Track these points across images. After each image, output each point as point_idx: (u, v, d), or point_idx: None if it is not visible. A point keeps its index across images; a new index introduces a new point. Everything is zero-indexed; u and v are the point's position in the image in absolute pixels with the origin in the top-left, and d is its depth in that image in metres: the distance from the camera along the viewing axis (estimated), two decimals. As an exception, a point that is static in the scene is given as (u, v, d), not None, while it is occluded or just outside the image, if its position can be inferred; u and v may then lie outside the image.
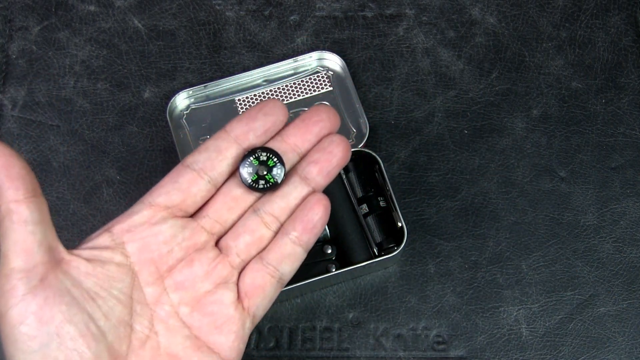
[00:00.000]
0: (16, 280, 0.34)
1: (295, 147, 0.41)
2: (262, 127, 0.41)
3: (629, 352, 0.53)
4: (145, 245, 0.39)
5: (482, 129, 0.58)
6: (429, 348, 0.53)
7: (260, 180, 0.40)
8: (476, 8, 0.62)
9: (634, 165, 0.57)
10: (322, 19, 0.61)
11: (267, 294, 0.40)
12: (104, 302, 0.36)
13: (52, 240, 0.36)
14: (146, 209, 0.39)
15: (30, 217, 0.35)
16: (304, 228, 0.40)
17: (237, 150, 0.40)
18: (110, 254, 0.38)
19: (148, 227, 0.39)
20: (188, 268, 0.39)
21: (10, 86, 0.59)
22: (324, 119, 0.41)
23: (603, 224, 0.56)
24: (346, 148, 0.41)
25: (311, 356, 0.53)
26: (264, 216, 0.41)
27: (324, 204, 0.41)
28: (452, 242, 0.55)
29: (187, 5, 0.62)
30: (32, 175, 0.35)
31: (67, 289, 0.35)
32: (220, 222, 0.41)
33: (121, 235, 0.38)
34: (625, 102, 0.59)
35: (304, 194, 0.41)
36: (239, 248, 0.40)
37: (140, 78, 0.60)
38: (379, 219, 0.53)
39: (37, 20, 0.61)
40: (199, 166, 0.40)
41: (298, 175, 0.41)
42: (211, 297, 0.39)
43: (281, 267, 0.40)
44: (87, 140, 0.58)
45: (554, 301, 0.54)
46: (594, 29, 0.61)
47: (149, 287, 0.39)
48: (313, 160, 0.41)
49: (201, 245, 0.40)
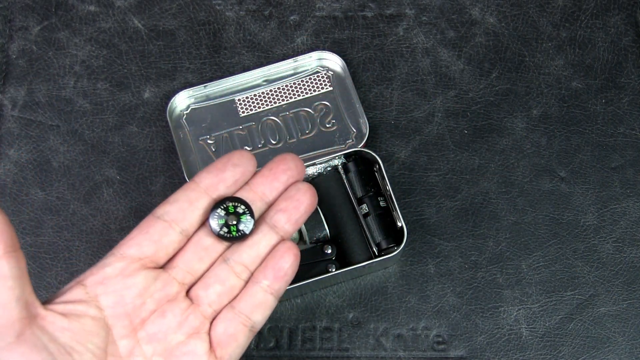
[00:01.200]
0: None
1: (263, 195, 0.42)
2: (231, 177, 0.41)
3: (629, 352, 0.52)
4: (120, 298, 0.38)
5: (482, 129, 0.58)
6: (429, 348, 0.53)
7: (229, 230, 0.40)
8: (476, 8, 0.62)
9: (634, 165, 0.57)
10: (322, 19, 0.61)
11: (240, 343, 0.40)
12: (80, 356, 0.36)
13: (28, 295, 0.35)
14: (118, 260, 0.39)
15: (10, 272, 0.34)
16: (275, 276, 0.41)
17: (207, 200, 0.41)
18: (85, 308, 0.38)
19: (121, 279, 0.39)
20: (161, 319, 0.39)
21: (10, 86, 0.59)
22: (291, 168, 0.42)
23: (603, 224, 0.56)
24: (313, 195, 0.42)
25: (311, 356, 0.53)
26: (234, 265, 0.41)
27: (294, 252, 0.41)
28: (452, 242, 0.55)
29: (187, 5, 0.62)
30: (11, 228, 0.34)
31: (43, 344, 0.35)
32: (191, 272, 0.41)
33: (94, 287, 0.38)
34: (625, 102, 0.59)
35: (273, 242, 0.41)
36: (210, 298, 0.40)
37: (140, 78, 0.60)
38: (379, 219, 0.53)
39: (37, 20, 0.61)
40: (171, 217, 0.40)
41: (267, 223, 0.42)
42: (184, 348, 0.39)
43: (253, 315, 0.40)
44: (87, 140, 0.58)
45: (554, 301, 0.54)
46: (594, 29, 0.61)
47: (122, 340, 0.38)
48: (281, 209, 0.42)
49: (173, 296, 0.40)
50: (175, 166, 0.57)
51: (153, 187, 0.57)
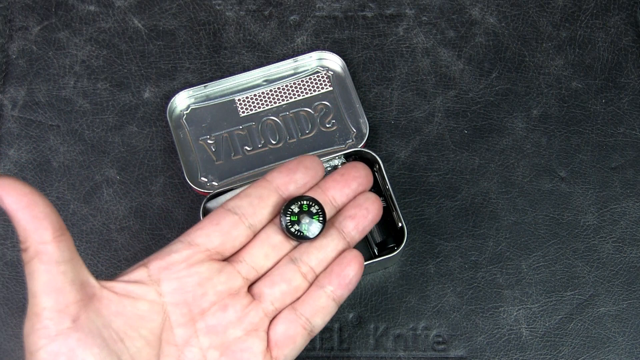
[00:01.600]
0: (47, 320, 0.34)
1: (333, 199, 0.42)
2: (302, 179, 0.42)
3: (629, 352, 0.53)
4: (181, 286, 0.38)
5: (482, 129, 0.58)
6: (429, 348, 0.53)
7: (300, 228, 0.41)
8: (476, 8, 0.62)
9: (634, 165, 0.57)
10: (322, 19, 0.61)
11: (297, 345, 0.40)
12: (132, 343, 0.36)
13: (83, 275, 0.35)
14: (185, 248, 0.39)
15: (61, 256, 0.34)
16: (339, 283, 0.41)
17: (277, 199, 0.41)
18: (144, 290, 0.38)
19: (186, 267, 0.39)
20: (221, 312, 0.39)
21: (10, 86, 0.59)
22: (362, 176, 0.43)
23: (603, 224, 0.56)
24: (380, 206, 0.43)
25: (311, 356, 0.53)
26: (301, 266, 0.41)
27: (360, 261, 0.41)
28: (452, 242, 0.55)
29: (187, 5, 0.62)
30: (56, 212, 0.34)
31: (98, 329, 0.35)
32: (256, 268, 0.41)
33: (158, 272, 0.38)
34: (625, 102, 0.59)
35: (340, 247, 0.42)
36: (274, 296, 0.40)
37: (140, 78, 0.60)
38: (379, 219, 0.53)
39: (37, 20, 0.61)
40: (241, 211, 0.40)
41: (335, 228, 0.42)
42: (241, 344, 0.39)
43: (314, 319, 0.40)
44: (87, 140, 0.58)
45: (554, 301, 0.54)
46: (594, 29, 0.61)
47: (179, 328, 0.38)
48: (350, 215, 0.42)
49: (235, 291, 0.40)
50: (175, 166, 0.57)
51: (153, 187, 0.57)
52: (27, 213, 0.33)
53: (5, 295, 0.54)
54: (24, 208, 0.33)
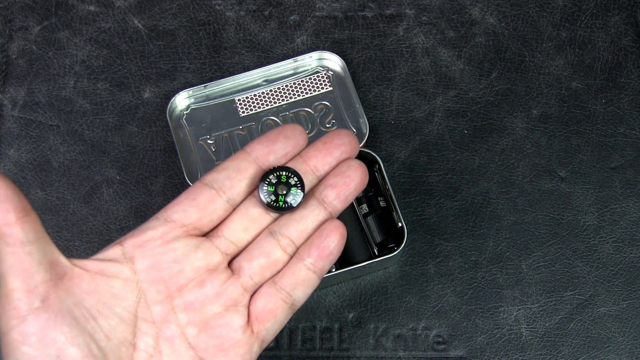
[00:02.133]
0: (17, 300, 0.34)
1: (315, 169, 0.41)
2: (282, 149, 0.40)
3: (629, 352, 0.53)
4: (156, 263, 0.38)
5: (482, 129, 0.58)
6: (429, 348, 0.53)
7: (277, 199, 0.40)
8: (476, 8, 0.62)
9: (634, 165, 0.57)
10: (322, 19, 0.61)
11: (278, 319, 0.40)
12: (106, 320, 0.36)
13: (52, 255, 0.35)
14: (161, 225, 0.38)
15: (25, 237, 0.34)
16: (319, 255, 0.40)
17: (256, 170, 0.40)
18: (118, 268, 0.37)
19: (161, 244, 0.38)
20: (198, 289, 0.39)
21: (10, 86, 0.59)
22: (345, 143, 0.41)
23: (603, 224, 0.56)
24: (364, 173, 0.41)
25: (311, 356, 0.53)
26: (280, 239, 0.40)
27: (341, 231, 0.40)
28: (452, 242, 0.55)
29: (187, 5, 0.62)
30: (19, 194, 0.34)
31: (69, 309, 0.35)
32: (235, 243, 0.40)
33: (132, 249, 0.38)
34: (625, 102, 0.59)
35: (321, 218, 0.41)
36: (253, 270, 0.40)
37: (140, 78, 0.60)
38: (379, 219, 0.53)
39: (37, 20, 0.61)
40: (218, 185, 0.39)
41: (316, 198, 0.41)
42: (220, 320, 0.39)
43: (294, 292, 0.40)
44: (87, 140, 0.58)
45: (554, 301, 0.54)
46: (594, 29, 0.61)
47: (156, 305, 0.38)
48: (331, 184, 0.41)
49: (214, 266, 0.39)
50: (175, 166, 0.57)
51: (153, 187, 0.57)
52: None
53: (5, 295, 0.54)
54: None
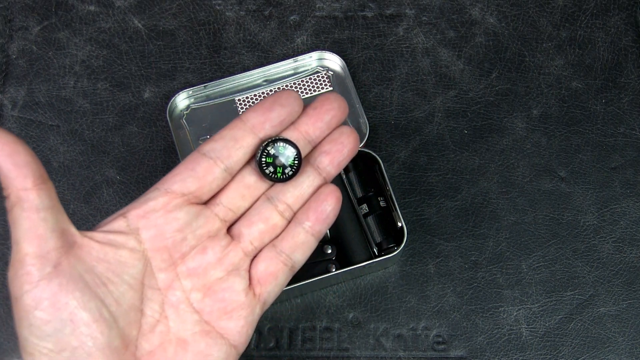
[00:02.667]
0: (30, 265, 0.34)
1: (307, 134, 0.42)
2: (278, 117, 0.41)
3: (629, 352, 0.53)
4: (160, 233, 0.39)
5: (482, 129, 0.58)
6: (429, 348, 0.53)
7: (275, 170, 0.41)
8: (476, 8, 0.62)
9: (634, 165, 0.57)
10: (322, 19, 0.61)
11: (279, 281, 0.41)
12: (116, 287, 0.37)
13: (63, 223, 0.36)
14: (162, 195, 0.39)
15: (41, 203, 0.35)
16: (317, 218, 0.41)
17: (253, 139, 0.41)
18: (124, 239, 0.38)
19: (163, 214, 0.39)
20: (201, 255, 0.40)
21: (10, 86, 0.59)
22: (335, 107, 0.42)
23: (603, 224, 0.56)
24: (356, 139, 0.42)
25: (311, 356, 0.53)
26: (277, 204, 0.41)
27: (337, 195, 0.42)
28: (452, 242, 0.55)
29: (187, 5, 0.62)
30: (38, 162, 0.35)
31: (80, 275, 0.36)
32: (233, 210, 0.41)
33: (136, 221, 0.39)
34: (625, 102, 0.59)
35: (317, 183, 0.42)
36: (252, 235, 0.41)
37: (140, 78, 0.60)
38: (379, 219, 0.53)
39: (37, 20, 0.61)
40: (215, 154, 0.40)
41: (310, 165, 0.42)
42: (223, 284, 0.40)
43: (294, 255, 0.41)
44: (87, 140, 0.58)
45: (554, 301, 0.54)
46: (594, 29, 0.61)
47: (161, 273, 0.39)
48: (324, 151, 0.42)
49: (214, 233, 0.40)
50: (175, 166, 0.57)
51: (153, 187, 0.57)
52: (9, 161, 0.34)
53: (5, 295, 0.54)
54: (5, 156, 0.34)
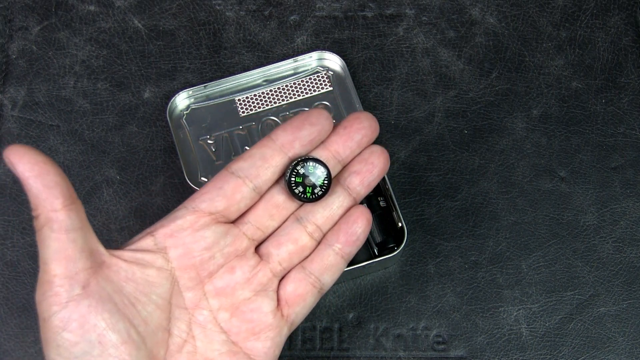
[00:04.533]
0: (58, 287, 0.34)
1: (337, 154, 0.42)
2: (307, 136, 0.41)
3: (629, 352, 0.53)
4: (188, 251, 0.39)
5: (482, 129, 0.58)
6: (429, 348, 0.53)
7: (305, 190, 0.40)
8: (476, 8, 0.62)
9: (634, 165, 0.57)
10: (322, 19, 0.61)
11: (307, 303, 0.41)
12: (143, 307, 0.37)
13: (92, 243, 0.36)
14: (189, 214, 0.39)
15: (71, 224, 0.34)
16: (347, 240, 0.41)
17: (282, 158, 0.40)
18: (152, 258, 0.38)
19: (191, 232, 0.39)
20: (229, 274, 0.39)
21: (10, 86, 0.59)
22: (366, 127, 0.42)
23: (603, 224, 0.56)
24: (386, 159, 0.42)
25: (311, 356, 0.53)
26: (307, 225, 0.41)
27: (367, 217, 0.41)
28: (452, 242, 0.55)
29: (187, 5, 0.62)
30: (67, 181, 0.35)
31: (109, 295, 0.35)
32: (261, 229, 0.41)
33: (164, 239, 0.39)
34: (625, 102, 0.59)
35: (347, 204, 0.42)
36: (281, 256, 0.40)
37: (140, 78, 0.60)
38: (379, 219, 0.53)
39: (37, 20, 0.61)
40: (244, 173, 0.40)
41: (340, 185, 0.42)
42: (251, 305, 0.39)
43: (323, 277, 0.41)
44: (87, 140, 0.58)
45: (554, 301, 0.54)
46: (594, 29, 0.61)
47: (188, 292, 0.39)
48: (355, 171, 0.42)
49: (242, 252, 0.40)
50: (175, 166, 0.57)
51: (153, 187, 0.57)
52: (39, 181, 0.34)
53: (5, 295, 0.54)
54: (35, 176, 0.34)
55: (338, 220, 0.42)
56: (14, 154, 0.33)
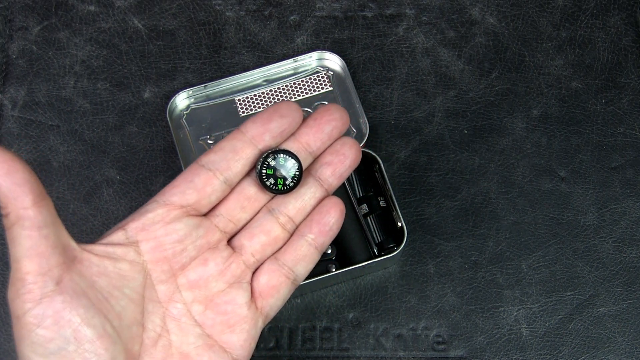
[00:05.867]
0: (31, 284, 0.34)
1: (307, 145, 0.42)
2: (277, 128, 0.41)
3: (629, 352, 0.53)
4: (159, 244, 0.39)
5: (482, 129, 0.58)
6: (429, 348, 0.53)
7: (276, 182, 0.40)
8: (476, 8, 0.62)
9: (634, 165, 0.57)
10: (322, 19, 0.61)
11: (282, 294, 0.41)
12: (117, 301, 0.36)
13: (64, 239, 0.36)
14: (160, 207, 0.39)
15: (42, 221, 0.34)
16: (320, 231, 0.41)
17: (252, 150, 0.41)
18: (124, 251, 0.38)
19: (162, 225, 0.39)
20: (202, 267, 0.39)
21: (10, 86, 0.59)
22: (336, 118, 0.42)
23: (603, 224, 0.56)
24: (358, 150, 0.42)
25: (311, 356, 0.53)
26: (279, 217, 0.41)
27: (340, 207, 0.41)
28: (452, 242, 0.55)
29: (187, 5, 0.62)
30: (36, 178, 0.34)
31: (83, 290, 0.35)
32: (233, 221, 0.41)
33: (135, 233, 0.39)
34: (625, 102, 0.59)
35: (319, 195, 0.42)
36: (254, 248, 0.40)
37: (140, 78, 0.60)
38: (379, 219, 0.53)
39: (37, 20, 0.61)
40: (215, 166, 0.40)
41: (312, 176, 0.42)
42: (225, 297, 0.39)
43: (296, 268, 0.41)
44: (87, 140, 0.58)
45: (554, 301, 0.54)
46: (594, 29, 0.61)
47: (161, 285, 0.39)
48: (326, 162, 0.42)
49: (214, 244, 0.40)
50: (175, 166, 0.57)
51: (153, 187, 0.57)
52: (8, 179, 0.33)
53: (6, 295, 0.54)
54: (4, 174, 0.33)
55: (310, 211, 0.42)
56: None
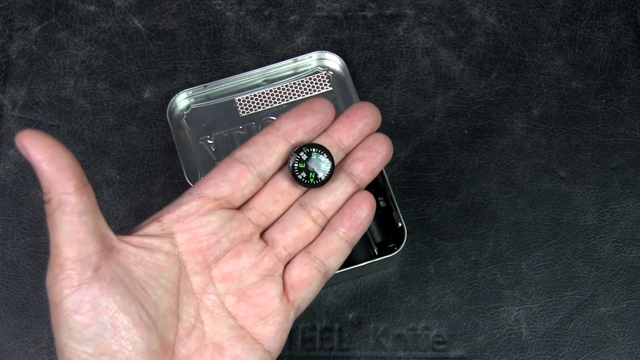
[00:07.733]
0: (70, 270, 0.35)
1: (339, 142, 0.42)
2: (310, 124, 0.41)
3: (629, 352, 0.53)
4: (194, 236, 0.39)
5: (482, 129, 0.58)
6: (429, 348, 0.53)
7: (308, 176, 0.41)
8: (476, 8, 0.62)
9: (634, 165, 0.57)
10: (322, 19, 0.61)
11: (313, 287, 0.41)
12: (153, 291, 0.37)
13: (103, 228, 0.36)
14: (195, 200, 0.40)
15: (83, 207, 0.35)
16: (351, 225, 0.41)
17: (285, 145, 0.41)
18: (160, 242, 0.38)
19: (197, 217, 0.39)
20: (235, 259, 0.40)
21: (10, 86, 0.59)
22: (368, 115, 0.43)
23: (603, 224, 0.56)
24: (389, 146, 0.43)
25: (311, 356, 0.53)
26: (311, 211, 0.41)
27: (371, 202, 0.42)
28: (452, 242, 0.55)
29: (187, 5, 0.62)
30: (78, 165, 0.35)
31: (120, 278, 0.36)
32: (266, 215, 0.41)
33: (171, 225, 0.39)
34: (625, 102, 0.59)
35: (350, 190, 0.42)
36: (286, 241, 0.41)
37: (140, 78, 0.60)
38: (379, 219, 0.53)
39: (37, 20, 0.61)
40: (248, 160, 0.41)
41: (344, 171, 0.42)
42: (258, 289, 0.40)
43: (328, 261, 0.41)
44: (87, 140, 0.58)
45: (554, 301, 0.54)
46: (594, 29, 0.61)
47: (195, 276, 0.39)
48: (358, 158, 0.42)
49: (247, 237, 0.41)
50: (175, 166, 0.57)
51: (153, 187, 0.57)
52: (51, 164, 0.34)
53: (5, 295, 0.54)
54: (48, 159, 0.34)
55: (342, 206, 0.42)
56: (25, 138, 0.34)
